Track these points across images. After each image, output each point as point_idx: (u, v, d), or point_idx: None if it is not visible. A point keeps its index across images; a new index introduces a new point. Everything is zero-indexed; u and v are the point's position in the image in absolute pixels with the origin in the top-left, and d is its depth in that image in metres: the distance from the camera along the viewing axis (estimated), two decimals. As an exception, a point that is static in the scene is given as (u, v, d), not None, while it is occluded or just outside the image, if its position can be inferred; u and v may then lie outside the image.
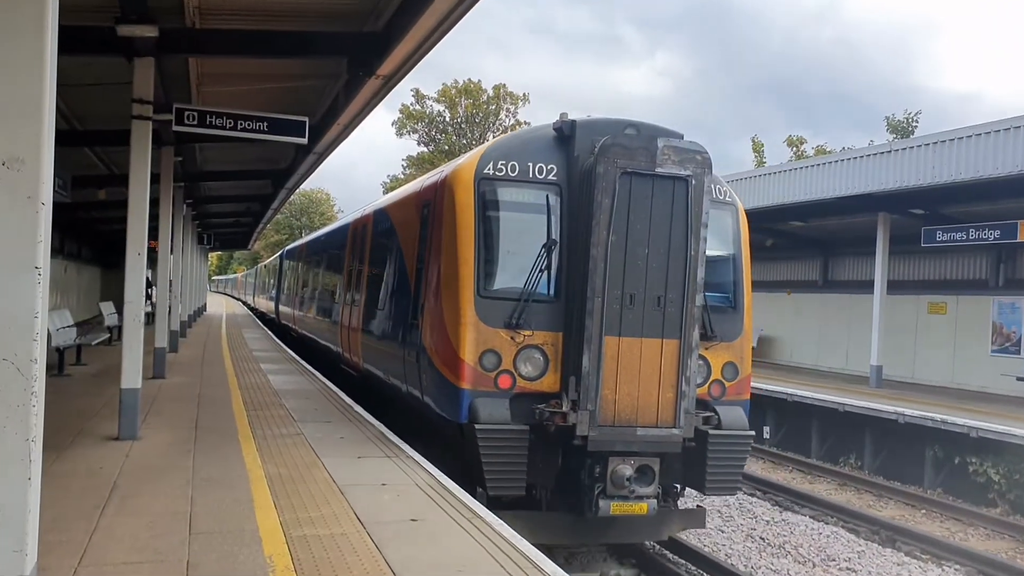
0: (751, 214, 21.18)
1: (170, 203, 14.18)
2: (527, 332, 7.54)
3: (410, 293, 9.17)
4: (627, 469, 7.23)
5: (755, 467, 14.52)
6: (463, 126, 71.18)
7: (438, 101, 69.96)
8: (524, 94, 69.87)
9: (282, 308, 26.02)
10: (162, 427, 9.09)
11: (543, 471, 7.52)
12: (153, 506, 5.96)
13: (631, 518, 7.54)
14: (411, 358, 8.79)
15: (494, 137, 69.34)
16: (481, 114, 70.19)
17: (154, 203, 11.51)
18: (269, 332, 27.34)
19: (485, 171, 7.81)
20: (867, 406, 14.49)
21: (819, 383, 18.10)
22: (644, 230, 7.22)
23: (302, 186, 26.36)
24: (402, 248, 9.96)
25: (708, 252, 7.52)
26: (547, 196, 7.77)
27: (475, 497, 6.71)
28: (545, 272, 7.61)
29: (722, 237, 8.42)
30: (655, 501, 7.38)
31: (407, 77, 9.84)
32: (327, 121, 12.66)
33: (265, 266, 40.50)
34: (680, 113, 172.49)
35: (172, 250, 17.13)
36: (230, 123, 9.62)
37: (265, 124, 9.79)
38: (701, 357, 7.78)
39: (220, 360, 16.97)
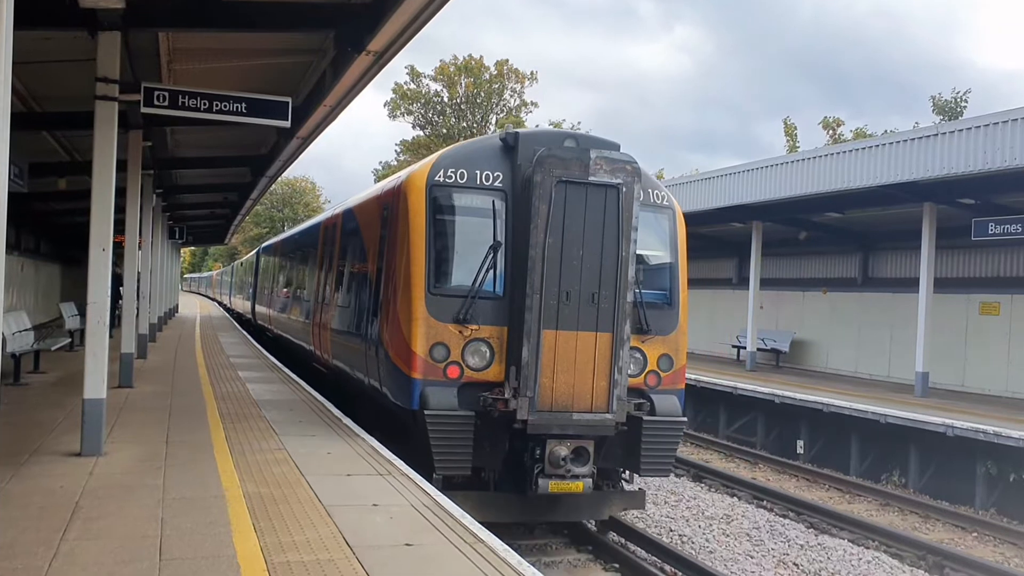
0: (782, 204, 21.12)
1: (138, 193, 14.17)
2: (474, 327, 8.94)
3: (371, 291, 10.59)
4: (563, 450, 8.67)
5: (788, 485, 14.50)
6: (463, 107, 71.19)
7: (435, 80, 69.93)
8: (532, 72, 69.88)
9: (258, 308, 27.43)
10: (129, 441, 9.08)
11: (490, 455, 8.92)
12: (119, 529, 5.94)
13: (573, 497, 9.08)
14: (371, 352, 10.19)
15: (498, 119, 69.47)
16: (483, 94, 70.17)
17: (120, 193, 11.49)
18: (247, 335, 27.37)
19: (436, 178, 9.22)
20: (912, 417, 14.44)
21: (858, 392, 18.05)
22: (579, 233, 8.64)
23: (285, 174, 26.47)
24: (365, 248, 11.43)
25: (646, 253, 9.22)
26: (493, 201, 9.18)
27: (431, 483, 7.77)
28: (491, 271, 9.01)
29: (660, 239, 9.87)
30: (590, 480, 8.80)
31: (401, 53, 9.83)
32: (312, 102, 12.64)
33: (241, 263, 41.68)
34: (702, 92, 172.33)
35: (140, 245, 17.13)
36: (204, 104, 9.60)
37: (243, 105, 9.77)
38: (638, 349, 9.30)
39: (194, 367, 16.97)
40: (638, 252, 9.04)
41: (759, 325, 23.26)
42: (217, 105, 9.65)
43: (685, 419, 9.48)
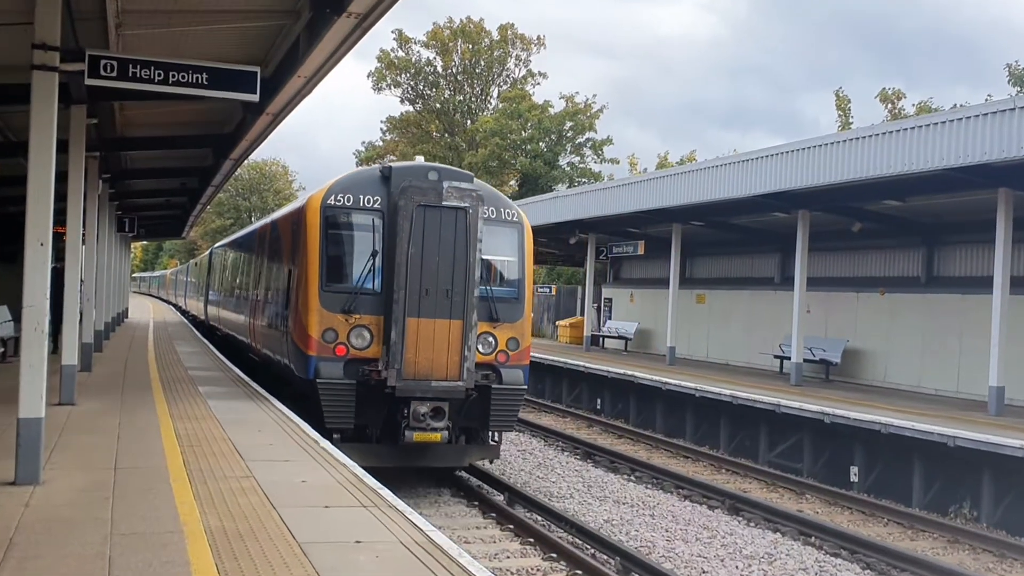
0: (832, 190, 21.13)
1: (82, 178, 14.20)
2: (357, 316, 13.24)
3: (284, 289, 15.18)
4: (424, 408, 12.91)
5: (840, 519, 14.49)
6: (459, 78, 71.23)
7: (427, 46, 69.96)
8: (539, 37, 69.84)
9: (209, 308, 32.40)
10: (72, 467, 9.10)
11: (372, 414, 13.21)
12: (59, 571, 5.95)
13: (437, 446, 13.35)
14: (283, 338, 14.84)
15: (500, 92, 69.46)
16: (483, 62, 70.19)
17: (61, 178, 11.53)
18: (209, 345, 27.43)
19: (329, 201, 13.65)
20: (985, 439, 14.41)
21: (922, 409, 18.02)
22: (435, 244, 12.95)
23: (252, 156, 26.60)
24: (282, 255, 16.13)
25: (498, 258, 14.08)
26: (373, 219, 13.54)
27: (324, 436, 11.70)
28: (370, 273, 13.37)
29: (510, 247, 14.29)
30: (446, 432, 13.09)
31: (387, 15, 9.84)
32: (284, 73, 12.66)
33: (196, 263, 44.84)
34: (735, 60, 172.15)
35: (84, 239, 17.15)
36: (159, 75, 9.62)
37: (204, 76, 9.79)
38: (490, 334, 13.66)
39: (146, 380, 17.00)
40: (492, 258, 13.87)
41: (806, 332, 23.22)
42: (174, 76, 9.67)
43: (526, 387, 14.06)
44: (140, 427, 11.70)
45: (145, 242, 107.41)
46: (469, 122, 71.24)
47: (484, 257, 13.52)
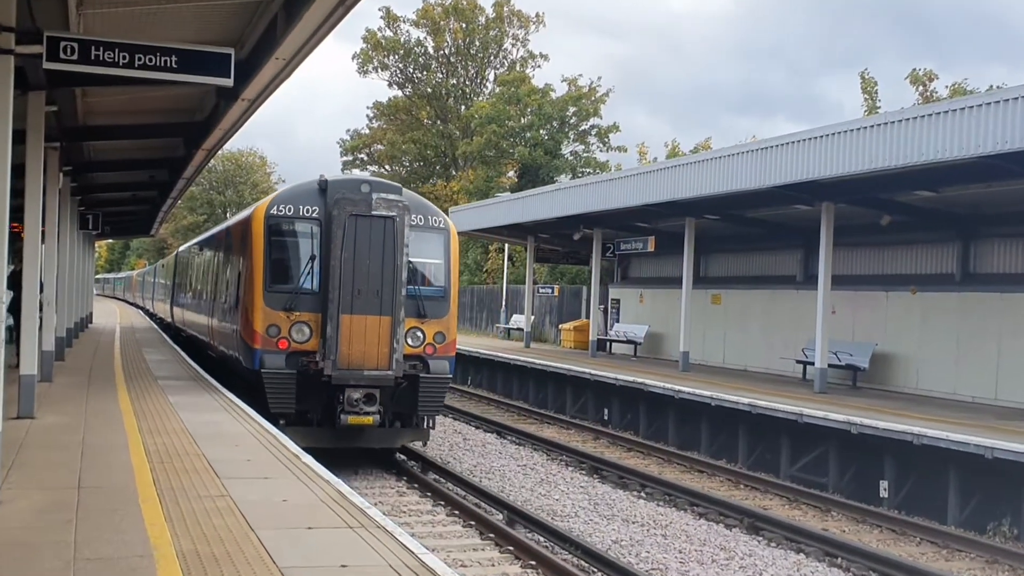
0: (859, 180, 21.08)
1: (41, 171, 14.17)
2: (297, 313, 15.85)
3: (236, 290, 17.86)
4: (357, 394, 15.50)
5: (869, 538, 14.49)
6: (452, 59, 71.31)
7: (417, 25, 70.15)
8: (538, 14, 69.90)
9: (175, 309, 35.38)
10: (31, 487, 9.08)
11: (312, 401, 15.83)
12: (18, 599, 5.93)
13: (371, 429, 15.94)
14: (234, 334, 17.72)
15: (497, 75, 69.48)
16: (478, 43, 70.28)
17: (18, 172, 11.52)
18: (180, 352, 27.42)
19: (272, 211, 16.41)
20: (1027, 451, 14.40)
21: (958, 418, 18.03)
22: (366, 249, 15.59)
23: (227, 146, 26.64)
24: (233, 259, 18.96)
25: (426, 260, 16.75)
26: (311, 228, 16.19)
27: (269, 421, 14.14)
28: (309, 275, 16.00)
29: (436, 251, 17.02)
30: (378, 416, 15.70)
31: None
32: (261, 55, 12.65)
33: (163, 264, 47.65)
34: (750, 40, 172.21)
35: (44, 238, 17.14)
36: (124, 58, 9.63)
37: (174, 59, 9.80)
38: (419, 329, 16.31)
39: (112, 391, 17.00)
40: (420, 260, 16.61)
41: (831, 335, 23.23)
42: (140, 59, 9.68)
43: (451, 376, 17.04)
44: (106, 442, 11.68)
45: (111, 240, 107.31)
46: (463, 108, 71.34)
47: (412, 260, 16.27)
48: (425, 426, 16.89)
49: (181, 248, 41.61)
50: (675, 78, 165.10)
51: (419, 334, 16.32)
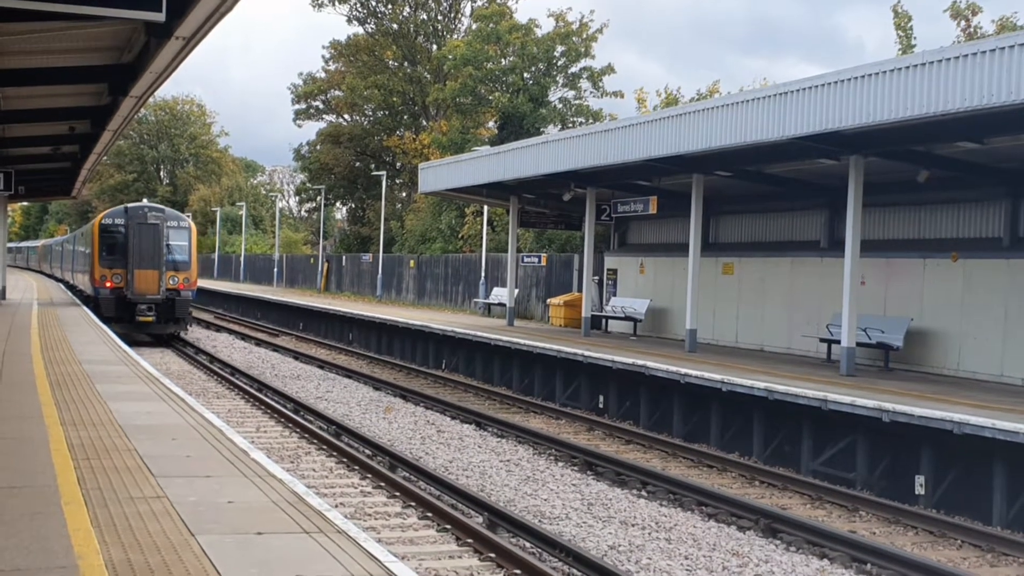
0: (892, 130, 21.01)
1: (-58, 123, 14.08)
2: (116, 270, 38.93)
3: (90, 260, 41.04)
4: (144, 307, 38.85)
5: (902, 540, 14.63)
6: (421, -8, 70.75)
7: (380, -49, 69.48)
8: (520, -62, 69.32)
9: (66, 272, 61.31)
10: (-64, 488, 9.06)
11: (122, 311, 38.56)
12: (-76, 616, 5.94)
13: (152, 323, 39.37)
14: (89, 280, 41.57)
15: (474, 9, 69.19)
16: (450, -28, 69.71)
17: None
18: (108, 331, 27.36)
19: (104, 222, 39.96)
20: (1082, 441, 14.54)
21: (1006, 404, 18.17)
22: (148, 240, 39.32)
23: (160, 93, 26.47)
24: (87, 245, 42.86)
25: (177, 243, 40.56)
26: (122, 229, 39.68)
27: (107, 326, 32.37)
28: (122, 253, 39.28)
29: (184, 238, 40.41)
30: (155, 317, 39.28)
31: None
32: (198, -16, 12.55)
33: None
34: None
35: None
36: (37, -11, 9.52)
37: (95, -10, 9.69)
38: (175, 276, 39.49)
39: (30, 378, 16.95)
40: (175, 243, 39.34)
41: (860, 309, 23.36)
42: (56, -10, 9.57)
43: (193, 299, 41.62)
44: (22, 437, 11.67)
45: (26, 203, 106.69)
46: (435, 47, 70.99)
47: (170, 243, 38.34)
48: (182, 323, 39.78)
49: (69, 234, 66.88)
50: (672, 12, 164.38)
51: (175, 279, 38.39)
